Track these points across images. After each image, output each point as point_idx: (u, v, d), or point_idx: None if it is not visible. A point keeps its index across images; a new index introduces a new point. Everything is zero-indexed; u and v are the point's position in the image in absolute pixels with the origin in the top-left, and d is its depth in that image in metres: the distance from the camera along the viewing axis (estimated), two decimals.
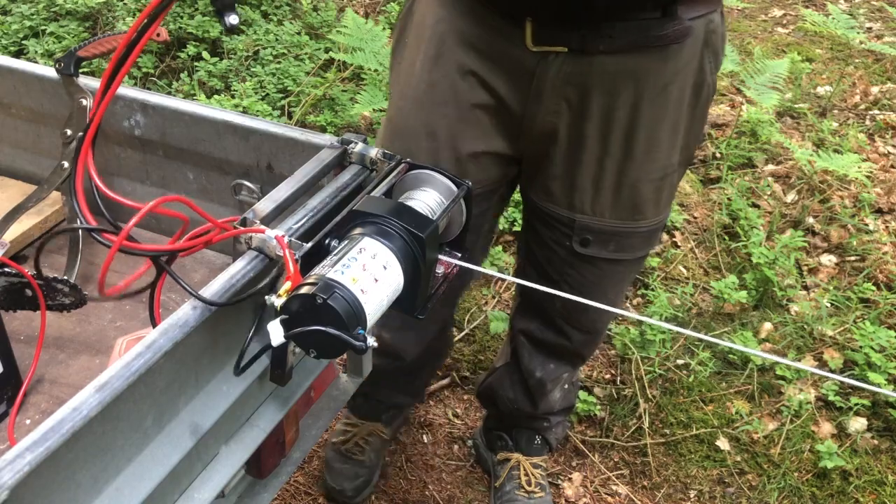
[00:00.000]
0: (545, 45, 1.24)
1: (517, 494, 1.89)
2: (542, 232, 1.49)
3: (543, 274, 1.53)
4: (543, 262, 1.52)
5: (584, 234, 1.42)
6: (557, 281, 1.50)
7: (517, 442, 1.95)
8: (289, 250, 0.93)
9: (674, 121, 1.34)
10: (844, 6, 4.30)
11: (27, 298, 1.27)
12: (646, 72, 1.28)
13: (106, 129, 1.46)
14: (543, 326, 1.66)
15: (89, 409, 0.77)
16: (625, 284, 1.59)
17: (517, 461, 1.93)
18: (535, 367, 1.73)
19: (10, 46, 3.48)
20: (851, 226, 2.73)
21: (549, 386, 1.75)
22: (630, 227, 1.43)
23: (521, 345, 1.73)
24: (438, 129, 1.36)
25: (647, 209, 1.42)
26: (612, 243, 1.44)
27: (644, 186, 1.39)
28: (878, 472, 2.00)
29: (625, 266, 1.51)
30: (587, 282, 1.49)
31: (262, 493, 1.27)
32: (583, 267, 1.48)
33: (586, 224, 1.42)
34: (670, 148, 1.37)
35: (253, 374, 1.04)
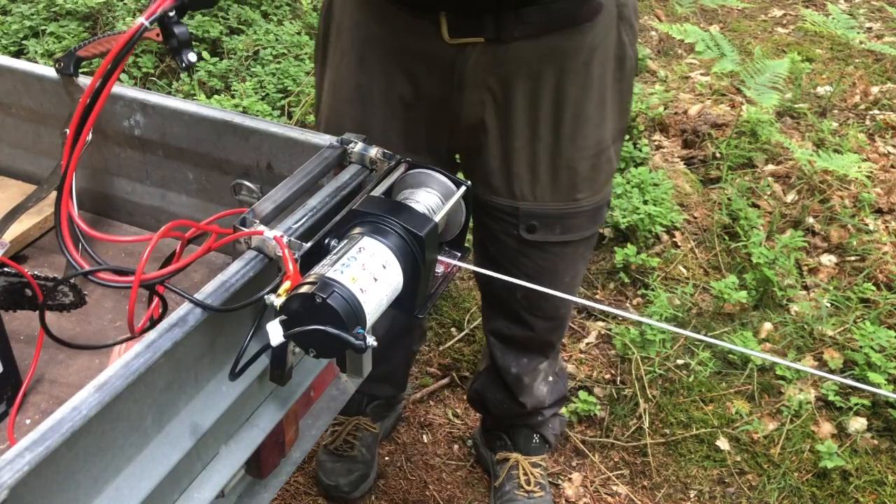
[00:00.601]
0: (461, 38, 1.25)
1: (516, 494, 1.89)
2: (490, 225, 1.50)
3: (499, 267, 1.52)
4: (497, 256, 1.53)
5: (530, 220, 1.44)
6: (514, 272, 1.50)
7: (515, 441, 1.95)
8: (288, 250, 0.93)
9: (599, 96, 1.36)
10: (844, 6, 4.30)
11: (27, 298, 1.27)
12: (564, 52, 1.29)
13: (106, 129, 1.47)
14: (509, 323, 1.67)
15: (89, 409, 0.77)
16: (579, 266, 1.59)
17: (516, 461, 1.94)
18: (510, 363, 1.74)
19: (10, 46, 3.48)
20: (851, 226, 2.73)
21: (526, 380, 1.76)
22: (572, 207, 1.44)
23: (493, 345, 1.75)
24: (371, 126, 1.38)
25: (585, 187, 1.43)
26: (557, 226, 1.45)
27: (579, 165, 1.40)
28: (878, 472, 2.00)
29: (574, 247, 1.52)
30: (541, 268, 1.50)
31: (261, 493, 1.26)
32: (534, 253, 1.49)
33: (529, 210, 1.43)
34: (600, 124, 1.39)
35: (253, 374, 1.04)
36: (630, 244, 2.56)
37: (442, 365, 2.28)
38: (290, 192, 1.07)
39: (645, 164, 2.89)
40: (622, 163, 2.89)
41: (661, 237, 2.68)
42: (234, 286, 0.93)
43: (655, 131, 3.21)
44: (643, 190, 2.70)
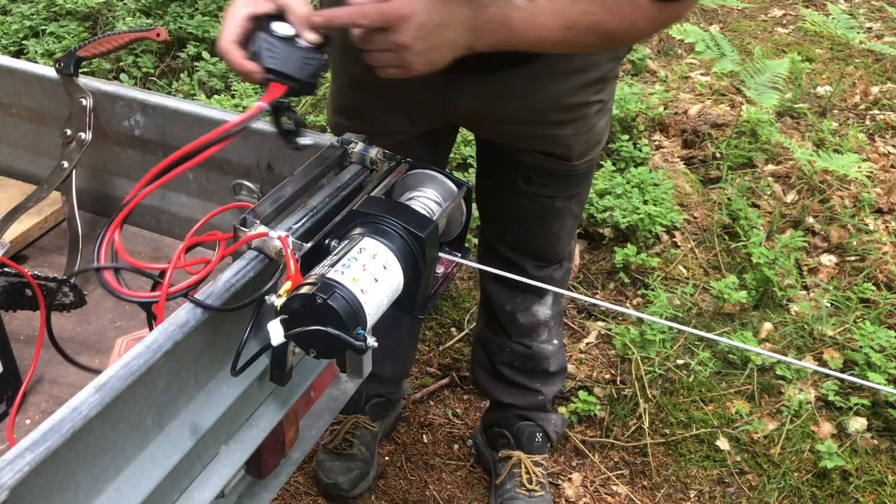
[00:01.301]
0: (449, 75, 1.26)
1: (518, 492, 1.89)
2: (493, 172, 1.64)
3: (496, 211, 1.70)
4: (494, 199, 1.68)
5: (529, 173, 1.56)
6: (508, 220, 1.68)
7: (518, 439, 1.95)
8: (290, 249, 0.93)
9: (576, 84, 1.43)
10: (844, 6, 4.30)
11: (27, 298, 1.27)
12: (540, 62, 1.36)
13: (106, 129, 1.47)
14: (501, 264, 1.73)
15: (89, 409, 0.77)
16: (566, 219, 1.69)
17: (518, 459, 1.94)
18: (504, 301, 1.80)
19: (10, 46, 3.48)
20: (851, 226, 2.73)
21: (521, 319, 1.80)
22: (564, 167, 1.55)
23: (488, 283, 1.82)
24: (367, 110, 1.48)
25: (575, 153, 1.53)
26: (551, 184, 1.58)
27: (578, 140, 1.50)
28: (878, 472, 2.00)
29: (560, 202, 1.63)
30: (532, 216, 1.65)
31: (262, 493, 1.27)
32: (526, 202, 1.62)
33: (530, 163, 1.54)
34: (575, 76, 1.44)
35: (253, 374, 1.04)
36: (630, 244, 2.56)
37: (442, 365, 2.28)
38: (291, 193, 1.07)
39: (645, 164, 2.89)
40: (622, 163, 2.90)
41: (661, 237, 2.68)
42: (235, 286, 0.93)
43: (655, 131, 3.21)
44: (643, 190, 2.70)
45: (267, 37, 1.06)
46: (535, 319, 1.81)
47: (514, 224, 1.68)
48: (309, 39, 1.07)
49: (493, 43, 1.10)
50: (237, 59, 1.08)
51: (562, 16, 1.08)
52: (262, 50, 1.05)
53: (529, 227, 1.67)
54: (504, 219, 1.69)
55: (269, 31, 1.06)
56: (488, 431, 2.02)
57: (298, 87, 1.07)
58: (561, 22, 1.08)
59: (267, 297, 0.88)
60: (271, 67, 1.05)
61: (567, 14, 1.08)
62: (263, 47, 1.05)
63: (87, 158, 1.47)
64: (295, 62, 1.06)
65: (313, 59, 1.07)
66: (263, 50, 1.05)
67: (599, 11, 1.08)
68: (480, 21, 1.07)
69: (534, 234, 1.68)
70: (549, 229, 1.69)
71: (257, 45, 1.06)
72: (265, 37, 1.06)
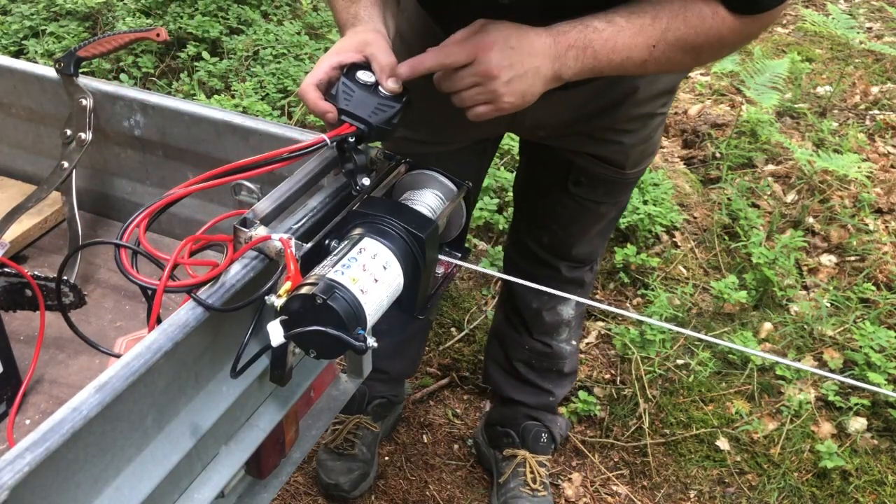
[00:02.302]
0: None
1: (522, 492, 1.90)
2: (539, 175, 1.64)
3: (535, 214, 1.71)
4: (537, 201, 1.69)
5: (580, 176, 1.56)
6: (548, 222, 1.69)
7: (524, 438, 1.95)
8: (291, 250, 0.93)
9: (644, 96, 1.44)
10: (844, 6, 4.30)
11: (27, 298, 1.27)
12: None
13: (106, 129, 1.47)
14: (534, 264, 1.76)
15: (89, 410, 0.77)
16: (605, 222, 1.71)
17: (524, 458, 1.94)
18: (531, 299, 1.81)
19: (10, 46, 3.48)
20: (851, 226, 2.73)
21: (546, 317, 1.82)
22: (617, 175, 1.55)
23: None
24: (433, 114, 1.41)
25: (631, 163, 1.54)
26: (600, 188, 1.58)
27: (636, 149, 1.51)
28: (878, 472, 2.00)
29: (606, 208, 1.65)
30: (573, 218, 1.66)
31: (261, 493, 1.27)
32: (571, 204, 1.62)
33: (582, 166, 1.54)
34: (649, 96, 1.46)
35: (253, 375, 1.04)
36: (630, 244, 2.56)
37: (442, 365, 2.28)
38: (291, 193, 1.07)
39: None
40: None
41: (661, 237, 2.68)
42: (235, 286, 0.93)
43: None
44: (643, 190, 2.70)
45: (347, 82, 1.09)
46: (559, 318, 1.83)
47: (554, 225, 1.68)
48: (388, 88, 1.09)
49: (578, 69, 1.08)
50: (313, 98, 1.10)
51: (644, 35, 1.06)
52: (340, 93, 1.08)
53: (570, 230, 1.68)
54: (545, 219, 1.69)
55: (351, 78, 1.09)
56: (491, 430, 2.02)
57: (368, 130, 1.08)
58: (644, 41, 1.07)
59: (267, 298, 0.88)
60: (344, 109, 1.08)
61: (649, 33, 1.06)
62: (341, 90, 1.08)
63: (87, 158, 1.47)
64: (369, 107, 1.08)
65: (389, 106, 1.09)
66: (341, 93, 1.08)
67: (683, 27, 1.06)
68: (562, 48, 1.06)
69: (573, 237, 1.69)
70: (589, 233, 1.69)
71: (336, 88, 1.09)
72: (346, 81, 1.09)
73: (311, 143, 1.04)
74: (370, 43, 1.12)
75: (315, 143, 1.04)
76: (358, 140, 1.08)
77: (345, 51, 1.12)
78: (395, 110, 1.09)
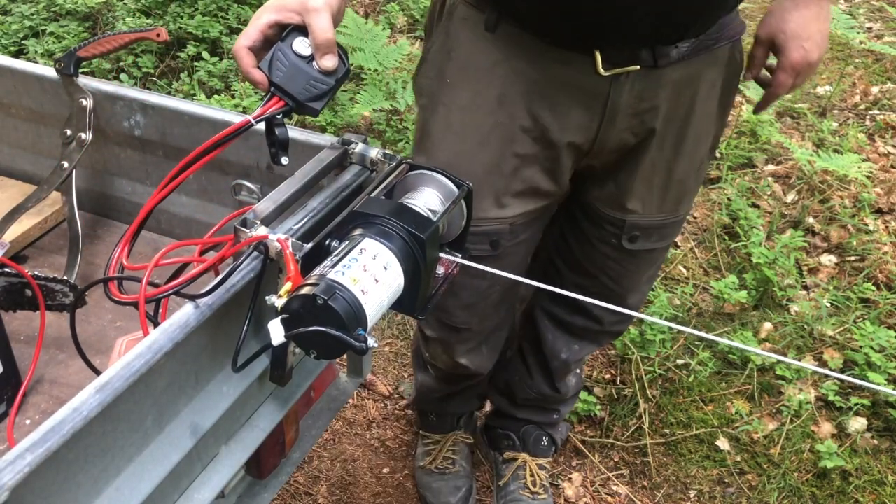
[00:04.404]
0: (617, 68, 1.21)
1: (521, 495, 1.89)
2: (586, 229, 1.49)
3: (578, 269, 1.54)
4: (582, 259, 1.53)
5: (633, 231, 1.44)
6: (594, 275, 1.52)
7: (525, 442, 1.95)
8: (289, 251, 0.93)
9: (713, 111, 1.36)
10: (844, 6, 4.30)
11: (27, 298, 1.27)
12: (703, 72, 1.29)
13: (106, 129, 1.47)
14: (571, 312, 1.65)
15: (89, 410, 0.77)
16: (658, 265, 1.60)
17: (524, 461, 1.93)
18: (561, 348, 1.71)
19: (10, 46, 3.48)
20: (851, 226, 2.73)
21: (573, 367, 1.76)
22: (673, 217, 1.46)
23: (545, 328, 1.71)
24: (504, 164, 1.33)
25: (688, 200, 1.46)
26: (654, 235, 1.47)
27: (689, 179, 1.41)
28: (878, 472, 2.00)
29: (661, 252, 1.54)
30: (627, 272, 1.52)
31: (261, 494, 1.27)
32: (625, 260, 1.50)
33: (635, 223, 1.43)
34: (709, 136, 1.39)
35: (253, 375, 1.04)
36: None
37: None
38: (291, 193, 1.07)
39: None
40: None
41: None
42: (235, 286, 0.93)
43: None
44: None
45: (283, 49, 1.05)
46: (581, 362, 1.76)
47: (605, 279, 1.53)
48: (323, 66, 1.07)
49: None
50: (246, 65, 1.07)
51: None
52: (273, 62, 1.05)
53: (623, 282, 1.54)
54: (592, 275, 1.54)
55: (288, 45, 1.06)
56: (491, 432, 2.01)
57: (298, 107, 1.07)
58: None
59: (267, 298, 0.87)
60: (276, 83, 1.05)
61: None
62: (275, 60, 1.05)
63: (87, 158, 1.47)
64: (301, 82, 1.06)
65: (322, 83, 1.07)
66: (274, 62, 1.05)
67: None
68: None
69: (625, 288, 1.55)
70: (642, 280, 1.58)
71: (271, 56, 1.05)
72: (282, 49, 1.06)
73: (238, 126, 1.03)
74: (311, 10, 1.05)
75: (241, 126, 1.03)
76: (284, 115, 1.06)
77: (285, 9, 1.06)
78: (327, 88, 1.07)
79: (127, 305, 0.93)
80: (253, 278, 0.95)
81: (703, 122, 1.35)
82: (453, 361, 1.61)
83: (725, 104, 1.39)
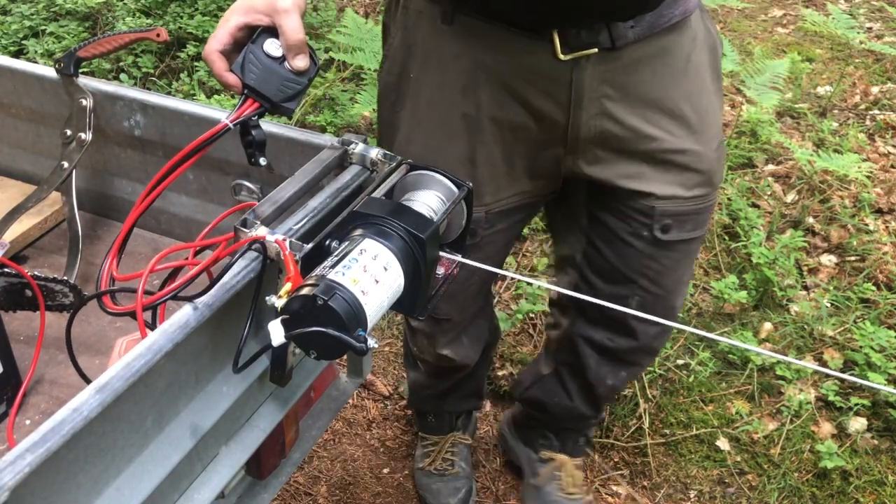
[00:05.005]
0: (575, 52, 1.22)
1: (560, 497, 1.86)
2: (614, 226, 1.42)
3: (613, 276, 1.47)
4: (615, 261, 1.45)
5: (664, 220, 1.38)
6: (633, 279, 1.45)
7: (563, 443, 1.89)
8: (289, 252, 0.93)
9: (708, 86, 1.35)
10: (844, 6, 4.30)
11: (27, 298, 1.27)
12: (669, 48, 1.28)
13: (106, 129, 1.47)
14: (613, 335, 1.57)
15: (89, 410, 0.77)
16: (693, 263, 1.53)
17: (562, 462, 1.88)
18: (606, 375, 1.63)
19: (10, 46, 3.48)
20: (851, 226, 2.73)
21: (620, 390, 1.73)
22: (703, 202, 1.40)
23: (588, 355, 1.62)
24: (477, 154, 1.34)
25: (716, 178, 1.40)
26: (688, 223, 1.40)
27: (711, 156, 1.37)
28: (878, 472, 2.00)
29: (697, 243, 1.47)
30: (665, 269, 1.44)
31: (261, 494, 1.27)
32: (661, 255, 1.43)
33: (665, 209, 1.37)
34: (715, 112, 1.37)
35: (253, 375, 1.04)
36: None
37: None
38: (291, 193, 1.07)
39: None
40: None
41: None
42: (235, 287, 0.93)
43: None
44: None
45: (255, 51, 1.06)
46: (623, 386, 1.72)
47: (645, 282, 1.45)
48: (296, 66, 1.08)
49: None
50: (219, 69, 1.08)
51: None
52: (246, 65, 1.06)
53: (662, 283, 1.45)
54: (630, 280, 1.45)
55: (259, 47, 1.07)
56: (524, 429, 1.95)
57: (272, 108, 1.08)
58: None
59: (267, 298, 0.87)
60: (250, 85, 1.06)
61: None
62: (248, 62, 1.06)
63: (87, 158, 1.47)
64: (275, 84, 1.07)
65: (295, 83, 1.08)
66: (247, 64, 1.06)
67: None
68: None
69: (666, 290, 1.46)
70: (682, 279, 1.48)
71: (243, 58, 1.06)
72: (253, 51, 1.06)
73: (215, 131, 1.04)
74: (280, 12, 1.05)
75: (218, 130, 1.04)
76: (259, 116, 1.08)
77: (254, 11, 1.07)
78: (300, 88, 1.08)
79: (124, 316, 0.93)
80: (253, 279, 0.95)
81: (700, 98, 1.33)
82: (436, 353, 1.63)
83: (717, 79, 1.38)
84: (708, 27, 1.35)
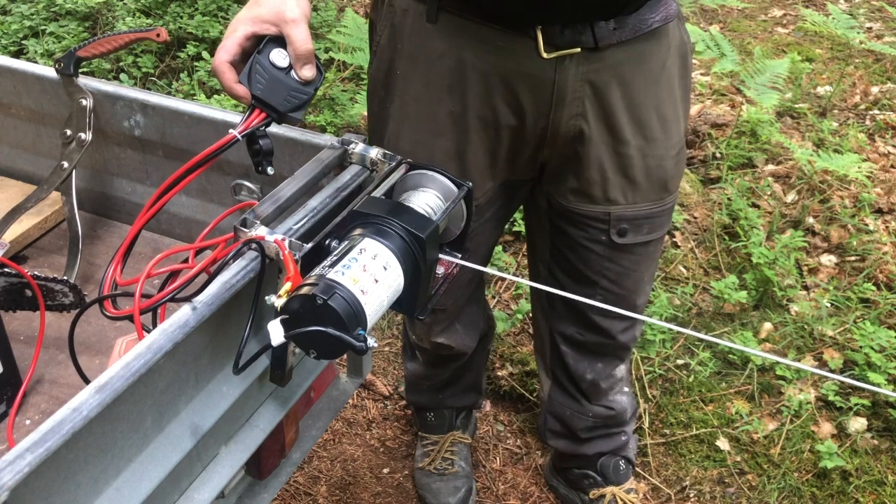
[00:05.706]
0: (559, 51, 1.23)
1: None
2: (573, 234, 1.47)
3: (577, 276, 1.51)
4: (578, 264, 1.50)
5: (620, 224, 1.42)
6: (595, 280, 1.49)
7: (605, 474, 1.87)
8: (288, 251, 0.93)
9: (675, 94, 1.38)
10: (844, 6, 4.30)
11: (27, 298, 1.27)
12: (648, 54, 1.30)
13: (106, 129, 1.47)
14: (583, 330, 1.61)
15: (89, 410, 0.77)
16: (656, 262, 1.58)
17: (612, 494, 1.86)
18: (585, 370, 1.68)
19: (10, 46, 3.48)
20: (851, 226, 2.73)
21: (603, 385, 1.71)
22: (659, 206, 1.44)
23: (565, 353, 1.67)
24: (467, 154, 1.36)
25: (672, 186, 1.44)
26: (645, 227, 1.45)
27: (667, 164, 1.40)
28: (878, 472, 2.00)
29: (656, 245, 1.51)
30: (625, 270, 1.49)
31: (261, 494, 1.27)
32: (620, 257, 1.47)
33: (620, 214, 1.42)
34: (677, 120, 1.40)
35: (253, 375, 1.04)
36: None
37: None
38: (291, 193, 1.07)
39: None
40: None
41: None
42: (235, 286, 0.93)
43: None
44: None
45: (261, 61, 1.07)
46: (614, 379, 1.72)
47: (606, 283, 1.50)
48: (303, 76, 1.08)
49: None
50: (228, 80, 1.08)
51: None
52: (253, 76, 1.06)
53: (623, 284, 1.50)
54: (593, 282, 1.50)
55: (266, 57, 1.07)
56: (567, 473, 1.93)
57: (279, 118, 1.09)
58: None
59: (267, 298, 0.88)
60: (257, 95, 1.06)
61: None
62: (255, 73, 1.06)
63: (87, 158, 1.47)
64: (282, 94, 1.07)
65: (302, 93, 1.09)
66: (254, 75, 1.06)
67: None
68: None
69: (627, 290, 1.52)
70: (643, 279, 1.54)
71: (250, 69, 1.07)
72: (260, 61, 1.07)
73: (223, 143, 1.04)
74: (288, 22, 1.06)
75: (227, 142, 1.05)
76: (266, 125, 1.09)
77: (260, 21, 1.07)
78: (307, 97, 1.09)
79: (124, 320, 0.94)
80: (252, 279, 0.95)
81: (666, 104, 1.36)
82: (432, 341, 1.65)
83: (685, 87, 1.41)
84: (682, 35, 1.37)
